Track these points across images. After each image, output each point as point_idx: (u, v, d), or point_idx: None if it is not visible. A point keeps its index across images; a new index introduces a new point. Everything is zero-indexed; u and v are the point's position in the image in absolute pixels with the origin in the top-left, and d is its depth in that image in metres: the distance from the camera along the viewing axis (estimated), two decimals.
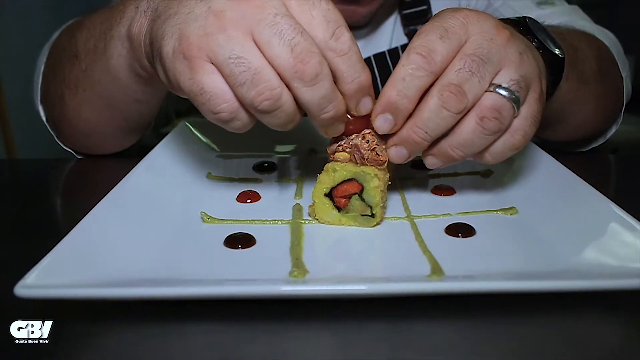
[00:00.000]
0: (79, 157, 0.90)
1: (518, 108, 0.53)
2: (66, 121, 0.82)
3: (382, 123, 0.54)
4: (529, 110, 0.55)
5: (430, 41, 0.51)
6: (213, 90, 0.48)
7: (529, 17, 0.69)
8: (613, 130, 0.95)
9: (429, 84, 0.52)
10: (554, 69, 0.69)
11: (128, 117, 0.79)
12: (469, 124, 0.53)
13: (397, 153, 0.56)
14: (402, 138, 0.55)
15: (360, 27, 1.03)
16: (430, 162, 0.57)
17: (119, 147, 0.87)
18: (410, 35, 1.03)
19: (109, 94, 0.74)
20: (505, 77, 0.52)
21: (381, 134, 0.56)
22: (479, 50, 0.51)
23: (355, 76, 0.51)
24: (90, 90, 0.75)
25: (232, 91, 0.48)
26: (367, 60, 1.03)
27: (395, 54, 1.03)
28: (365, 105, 0.54)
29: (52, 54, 0.85)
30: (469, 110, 0.53)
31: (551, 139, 0.92)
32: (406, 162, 0.57)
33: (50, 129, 0.88)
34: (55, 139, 0.89)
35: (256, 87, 0.47)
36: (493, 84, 0.52)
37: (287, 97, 0.49)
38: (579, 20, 0.97)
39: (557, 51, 0.68)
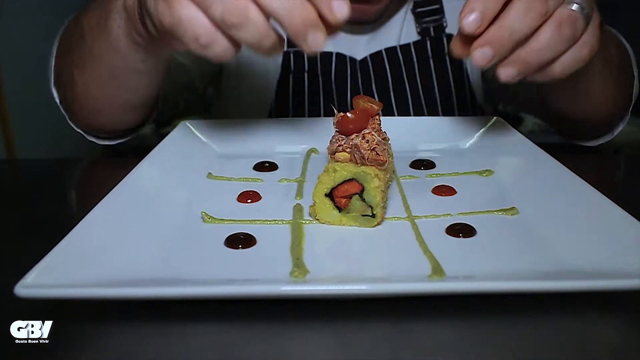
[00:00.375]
0: (89, 138, 0.94)
1: (588, 24, 0.60)
2: (77, 100, 0.87)
3: (470, 21, 0.57)
4: (594, 29, 0.61)
5: None
6: (189, 18, 0.54)
7: None
8: (620, 127, 0.96)
9: None
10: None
11: (131, 89, 0.83)
12: (548, 30, 0.58)
13: (482, 54, 0.58)
14: (489, 39, 0.58)
15: (369, 22, 1.05)
16: (506, 72, 0.60)
17: (127, 123, 0.91)
18: (423, 33, 1.05)
19: (112, 67, 0.79)
20: None
21: (467, 32, 0.58)
22: None
23: None
24: (96, 66, 0.80)
25: (206, 17, 0.54)
26: (378, 54, 1.05)
27: (407, 50, 1.05)
28: (339, 6, 0.54)
29: (62, 38, 0.91)
30: (547, 19, 0.58)
31: (568, 111, 0.92)
32: (489, 65, 0.59)
33: (63, 111, 0.93)
34: (68, 121, 0.93)
35: (223, 3, 0.52)
36: (568, 1, 0.59)
37: (254, 11, 0.53)
38: None
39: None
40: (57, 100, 0.92)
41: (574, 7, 0.59)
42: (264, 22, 0.54)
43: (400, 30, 1.07)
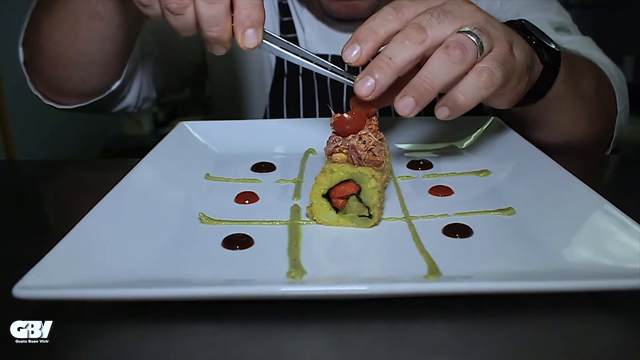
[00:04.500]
0: (47, 102, 0.96)
1: (482, 49, 0.60)
2: (38, 47, 0.90)
3: (349, 52, 0.61)
4: (495, 55, 0.61)
5: (403, 2, 0.62)
6: None
7: (525, 20, 0.74)
8: (610, 149, 0.97)
9: (396, 29, 0.61)
10: (550, 63, 0.74)
11: (90, 38, 0.85)
12: (436, 54, 0.59)
13: (365, 86, 0.60)
14: (370, 69, 0.59)
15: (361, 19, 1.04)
16: (404, 103, 0.60)
17: (83, 83, 0.92)
18: None
19: (75, 10, 0.83)
20: (469, 25, 0.60)
21: (349, 61, 0.61)
22: (446, 7, 0.61)
23: (248, 8, 0.60)
24: (62, 9, 0.84)
25: None
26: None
27: None
28: (249, 36, 0.61)
29: None
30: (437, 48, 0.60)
31: (543, 139, 0.90)
32: (376, 95, 0.60)
33: (25, 72, 0.96)
34: (29, 83, 0.96)
35: None
36: (457, 30, 0.60)
37: (191, 12, 0.60)
38: (590, 50, 1.02)
39: (552, 45, 0.73)
40: (22, 60, 0.95)
41: (464, 30, 0.60)
42: (193, 21, 0.61)
43: None
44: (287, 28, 1.09)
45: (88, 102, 0.95)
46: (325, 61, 0.65)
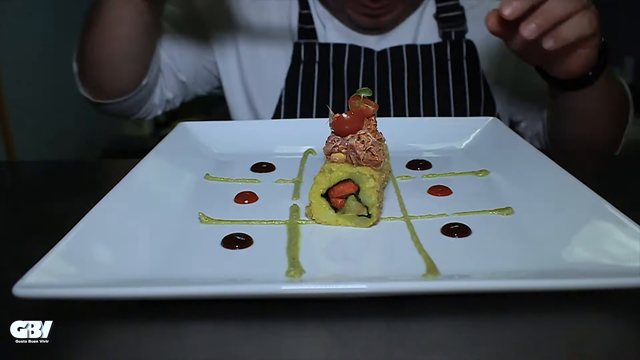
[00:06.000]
0: (95, 100, 1.12)
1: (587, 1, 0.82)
2: (84, 58, 1.09)
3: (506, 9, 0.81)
4: (594, 9, 0.84)
5: None
6: None
7: None
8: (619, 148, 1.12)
9: None
10: (603, 48, 0.92)
11: (120, 40, 1.03)
12: None
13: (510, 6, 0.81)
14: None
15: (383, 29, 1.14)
16: (530, 28, 0.80)
17: (120, 80, 1.09)
18: (444, 36, 1.13)
19: (105, 19, 1.02)
20: None
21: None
22: None
23: None
24: (95, 24, 1.03)
25: None
26: (398, 49, 1.12)
27: (427, 50, 1.12)
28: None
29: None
30: None
31: (570, 132, 1.06)
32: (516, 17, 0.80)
33: (78, 80, 1.14)
34: (79, 89, 1.14)
35: None
36: None
37: None
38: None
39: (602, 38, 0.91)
40: (75, 71, 1.13)
41: None
42: None
43: (414, 32, 1.13)
44: (306, 19, 1.13)
45: (126, 97, 1.10)
46: None
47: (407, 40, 1.12)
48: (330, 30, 1.13)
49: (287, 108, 1.13)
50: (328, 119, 0.62)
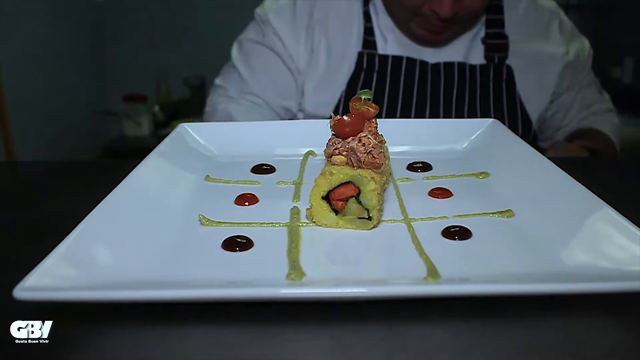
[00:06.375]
0: None
1: None
2: None
3: None
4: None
5: None
6: None
7: None
8: None
9: None
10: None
11: None
12: None
13: None
14: None
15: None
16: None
17: None
18: (488, 59, 1.23)
19: None
20: None
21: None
22: None
23: None
24: None
25: None
26: (451, 64, 1.21)
27: (473, 70, 1.22)
28: None
29: None
30: None
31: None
32: None
33: None
34: None
35: None
36: None
37: None
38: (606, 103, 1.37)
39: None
40: None
41: None
42: None
43: (466, 50, 1.24)
44: (368, 32, 1.22)
45: None
46: None
47: (458, 58, 1.22)
48: (391, 42, 1.22)
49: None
50: (329, 121, 0.62)
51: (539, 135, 1.31)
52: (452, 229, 0.58)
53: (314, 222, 0.60)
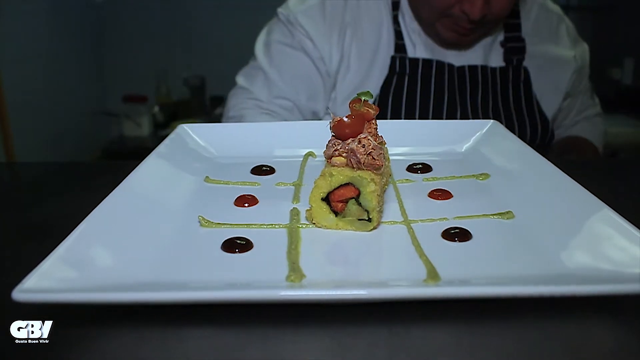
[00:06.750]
0: None
1: None
2: None
3: None
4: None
5: None
6: None
7: None
8: None
9: None
10: None
11: None
12: None
13: None
14: None
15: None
16: None
17: None
18: (507, 61, 1.27)
19: None
20: None
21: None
22: None
23: None
24: None
25: None
26: (475, 67, 1.24)
27: (494, 73, 1.25)
28: None
29: None
30: None
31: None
32: None
33: None
34: None
35: None
36: None
37: None
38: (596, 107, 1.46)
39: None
40: None
41: None
42: None
43: (485, 54, 1.26)
44: (398, 36, 1.24)
45: None
46: None
47: (479, 60, 1.25)
48: (418, 45, 1.24)
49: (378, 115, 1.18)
50: (329, 122, 0.62)
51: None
52: (452, 231, 0.58)
53: (314, 223, 0.60)
